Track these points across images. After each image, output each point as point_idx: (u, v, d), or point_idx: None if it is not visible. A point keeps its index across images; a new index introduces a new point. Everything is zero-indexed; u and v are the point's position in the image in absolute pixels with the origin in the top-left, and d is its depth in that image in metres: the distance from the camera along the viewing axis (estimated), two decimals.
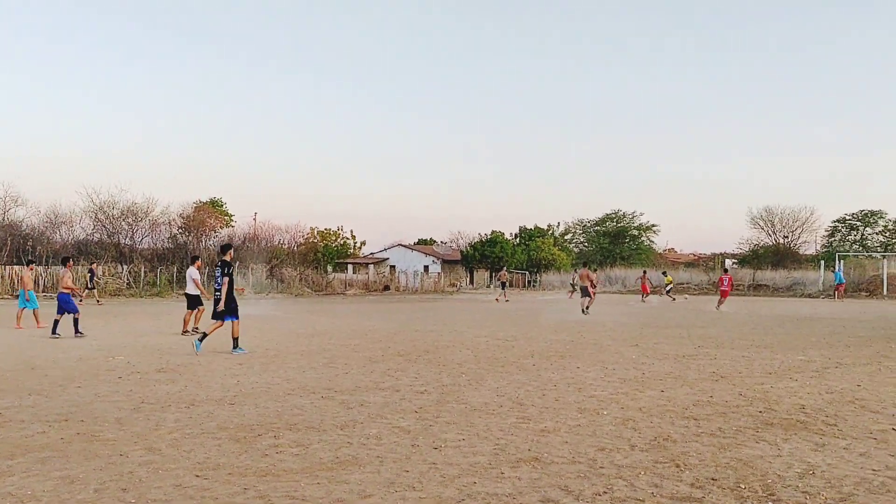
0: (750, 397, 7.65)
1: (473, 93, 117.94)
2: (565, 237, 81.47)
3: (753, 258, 65.74)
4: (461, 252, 70.69)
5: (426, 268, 67.45)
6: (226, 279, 11.74)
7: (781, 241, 70.22)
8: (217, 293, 11.85)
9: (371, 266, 59.84)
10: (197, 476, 4.67)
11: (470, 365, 10.28)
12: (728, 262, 66.34)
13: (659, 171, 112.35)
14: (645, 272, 40.72)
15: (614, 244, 77.53)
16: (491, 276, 64.13)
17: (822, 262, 50.29)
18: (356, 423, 6.29)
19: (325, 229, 62.60)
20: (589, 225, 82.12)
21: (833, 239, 70.61)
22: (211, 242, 44.50)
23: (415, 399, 7.53)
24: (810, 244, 70.47)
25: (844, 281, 41.98)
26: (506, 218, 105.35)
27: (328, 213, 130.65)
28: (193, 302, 15.46)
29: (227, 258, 12.10)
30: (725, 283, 28.90)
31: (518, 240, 73.86)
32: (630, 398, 7.58)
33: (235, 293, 12.09)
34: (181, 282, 40.12)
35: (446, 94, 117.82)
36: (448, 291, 52.67)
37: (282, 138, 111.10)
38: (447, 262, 70.80)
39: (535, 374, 9.38)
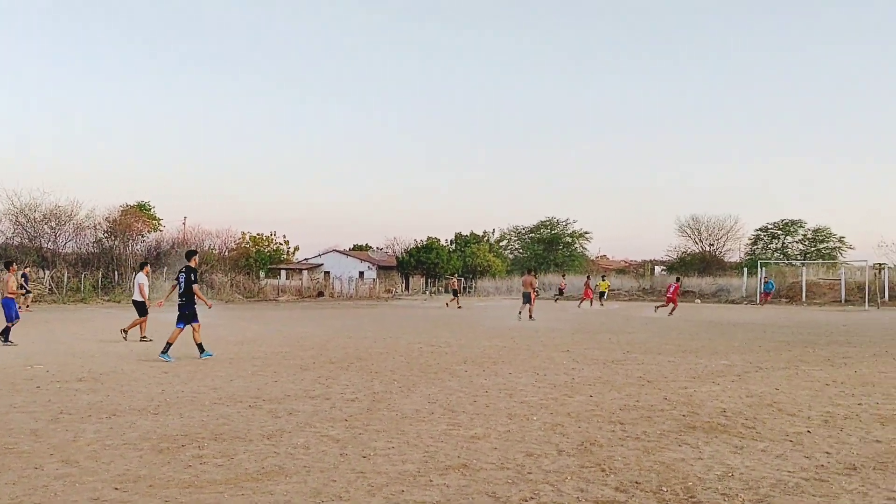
0: (674, 401, 7.85)
1: (410, 98, 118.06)
2: (501, 244, 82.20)
3: (681, 265, 67.51)
4: (397, 258, 70.52)
5: (361, 274, 67.03)
6: (195, 286, 11.89)
7: (707, 248, 72.35)
8: (182, 299, 11.88)
9: (305, 272, 59.11)
10: (116, 489, 4.52)
11: (402, 372, 10.24)
12: (657, 269, 68.04)
13: (591, 180, 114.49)
14: (589, 277, 41.45)
15: (548, 251, 78.60)
16: (426, 283, 64.18)
17: (745, 269, 52.00)
18: (283, 433, 6.20)
19: (258, 234, 61.58)
20: (524, 232, 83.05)
21: (756, 247, 73.13)
22: (138, 247, 43.23)
23: (345, 407, 7.46)
24: (734, 252, 72.90)
25: (773, 290, 43.50)
26: (442, 224, 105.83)
27: (261, 217, 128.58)
28: (141, 309, 15.19)
29: (192, 264, 12.12)
30: (671, 291, 29.58)
31: (454, 246, 74.16)
32: (560, 403, 7.68)
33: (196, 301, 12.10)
34: (106, 288, 38.88)
35: (382, 97, 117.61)
36: (383, 298, 52.46)
37: (212, 141, 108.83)
38: (383, 269, 70.50)
39: (467, 380, 9.41)
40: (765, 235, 74.03)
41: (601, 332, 18.47)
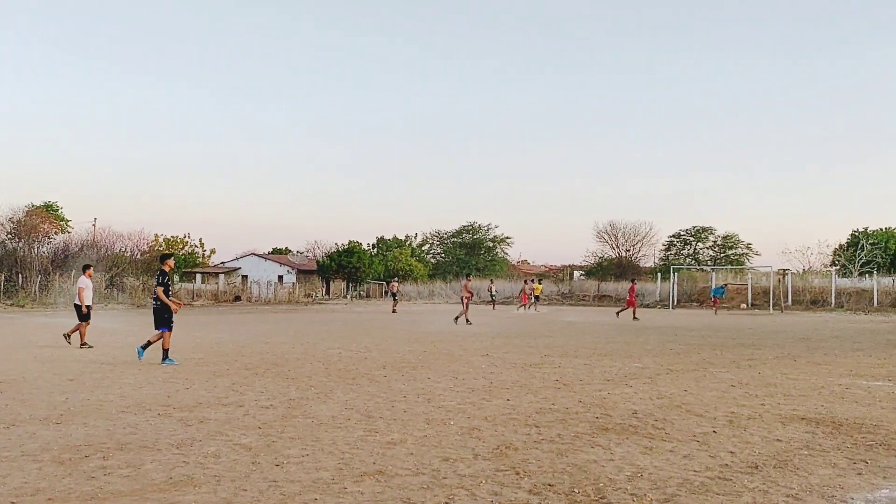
0: (588, 404, 8.00)
1: (331, 102, 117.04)
2: (423, 248, 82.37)
3: (599, 270, 69.14)
4: (317, 262, 69.72)
5: (280, 278, 65.98)
6: (160, 288, 11.92)
7: (624, 254, 74.35)
8: (157, 303, 11.94)
9: (221, 276, 57.72)
10: (13, 503, 4.29)
11: (320, 378, 10.11)
12: (576, 274, 69.51)
13: (513, 186, 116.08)
14: (526, 281, 41.98)
15: (470, 255, 79.19)
16: (348, 287, 63.65)
17: (659, 274, 53.67)
18: (194, 441, 6.01)
19: (172, 237, 59.91)
20: (446, 236, 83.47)
21: (669, 253, 75.61)
22: (44, 249, 41.31)
23: (259, 414, 7.30)
24: (649, 257, 75.18)
25: (722, 294, 42.37)
26: (364, 228, 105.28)
27: (175, 220, 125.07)
28: (80, 313, 14.75)
29: (166, 268, 12.12)
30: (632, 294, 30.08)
31: (376, 250, 73.89)
32: (477, 407, 7.72)
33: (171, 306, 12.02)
34: (9, 292, 37.01)
35: (302, 100, 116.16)
36: (303, 302, 51.75)
37: (124, 142, 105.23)
38: (303, 272, 69.57)
39: (385, 385, 9.36)
40: (678, 242, 76.60)
41: (520, 337, 18.71)
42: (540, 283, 44.00)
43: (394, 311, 35.09)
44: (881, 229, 60.06)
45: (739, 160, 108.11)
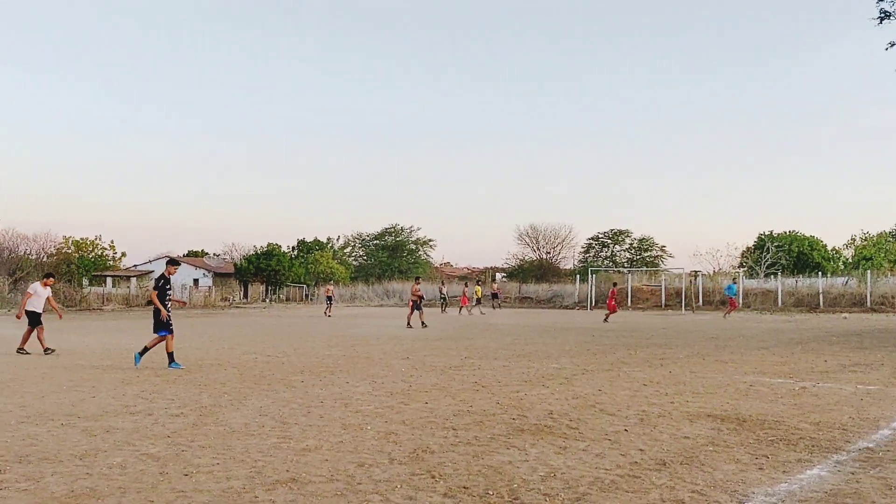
0: (506, 405, 8.08)
1: (248, 102, 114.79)
2: (345, 251, 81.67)
3: (520, 272, 70.08)
4: (235, 265, 68.17)
5: (196, 281, 64.27)
6: (154, 292, 11.98)
7: (544, 256, 75.63)
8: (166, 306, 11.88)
9: (133, 279, 55.66)
10: None
11: (234, 384, 9.86)
12: (498, 276, 70.21)
13: (435, 188, 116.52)
14: (466, 284, 41.93)
15: (392, 258, 79.01)
16: (267, 290, 62.48)
17: (578, 276, 54.77)
18: (99, 452, 5.77)
19: (81, 239, 57.42)
20: (368, 239, 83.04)
21: (588, 255, 77.33)
22: None
23: (169, 423, 7.06)
24: (569, 259, 76.73)
25: (734, 294, 35.77)
26: (284, 230, 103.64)
27: (85, 221, 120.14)
28: (32, 319, 14.40)
29: (167, 273, 12.08)
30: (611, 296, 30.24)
31: (296, 253, 72.78)
32: (395, 411, 7.68)
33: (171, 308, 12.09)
34: None
35: (216, 100, 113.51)
36: (220, 306, 50.52)
37: (31, 141, 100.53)
38: (219, 276, 67.92)
39: (302, 391, 9.21)
40: (596, 244, 78.39)
41: (441, 339, 18.76)
42: (479, 285, 43.99)
43: (328, 316, 34.50)
44: (785, 232, 62.98)
45: (655, 165, 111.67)
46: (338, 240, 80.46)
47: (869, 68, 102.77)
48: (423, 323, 24.13)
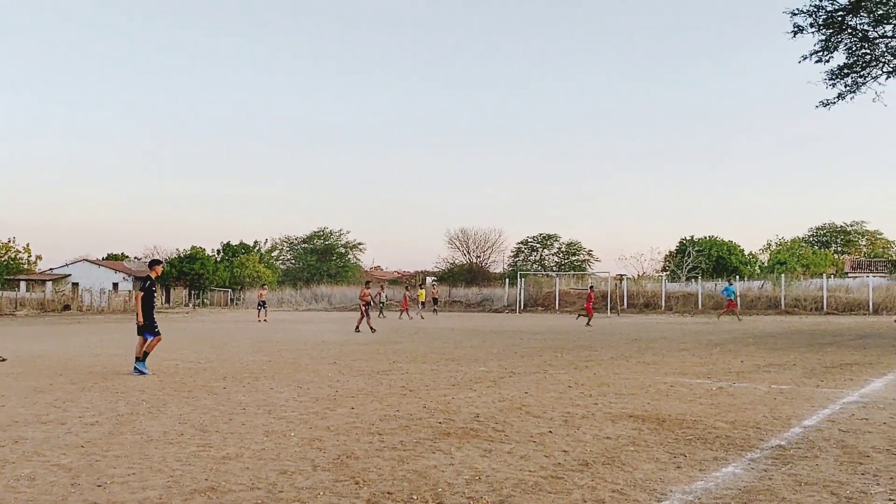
0: (433, 409, 8.06)
1: (169, 101, 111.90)
2: (272, 254, 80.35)
3: (450, 275, 70.35)
4: None
5: (116, 285, 62.14)
6: (140, 294, 11.86)
7: (475, 260, 76.15)
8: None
9: (49, 283, 53.44)
10: None
11: (153, 391, 9.55)
12: (429, 280, 70.26)
13: (365, 192, 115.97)
14: (408, 287, 41.57)
15: (322, 261, 78.19)
16: (190, 295, 60.93)
17: (508, 279, 55.33)
18: (6, 464, 5.48)
19: None
20: (296, 242, 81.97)
21: (517, 259, 78.25)
22: None
23: (83, 432, 6.77)
24: (498, 263, 77.48)
25: (734, 296, 34.25)
26: (208, 233, 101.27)
27: None
28: None
29: (153, 273, 12.08)
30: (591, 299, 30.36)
31: (221, 256, 71.20)
32: (320, 417, 7.57)
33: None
34: None
35: (136, 98, 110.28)
36: None
37: None
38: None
39: (224, 397, 8.98)
40: (525, 248, 79.41)
41: (370, 343, 18.63)
42: (422, 288, 43.57)
43: (263, 321, 33.06)
44: (706, 237, 65.15)
45: (582, 171, 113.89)
46: (265, 243, 79.11)
47: (784, 80, 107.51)
48: (371, 328, 23.65)
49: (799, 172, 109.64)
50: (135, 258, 75.04)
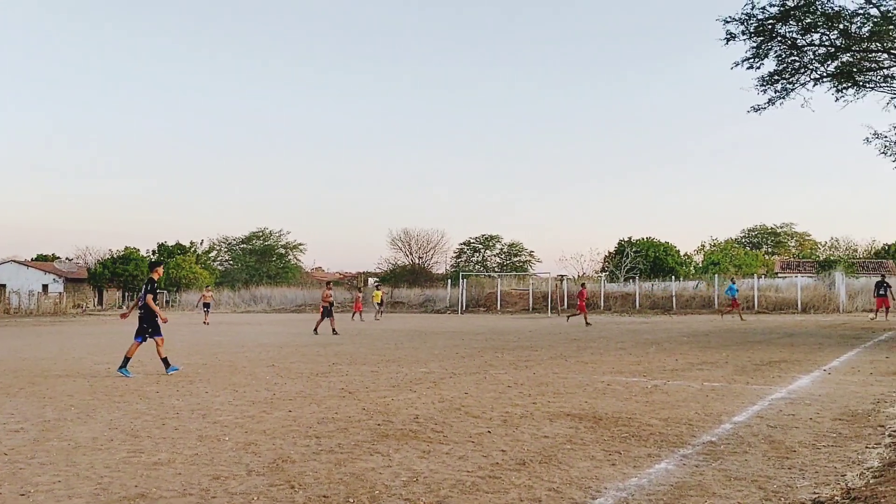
0: (372, 411, 8.01)
1: (105, 98, 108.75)
2: (209, 255, 78.78)
3: (392, 276, 70.14)
4: (89, 270, 64.28)
5: (45, 287, 60.05)
6: (149, 296, 11.74)
7: (417, 261, 76.12)
8: (142, 311, 11.74)
9: None
10: None
11: (83, 396, 9.25)
12: (371, 281, 69.90)
13: (305, 193, 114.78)
14: (360, 289, 41.12)
15: (261, 262, 77.02)
16: (124, 296, 59.30)
17: (450, 280, 55.45)
18: None
19: None
20: (234, 242, 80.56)
21: (460, 260, 78.53)
22: None
23: (7, 440, 6.51)
24: (441, 264, 77.63)
25: (736, 294, 32.73)
26: (142, 233, 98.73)
27: None
28: None
29: (155, 276, 12.02)
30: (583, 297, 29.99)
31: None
32: (256, 421, 7.44)
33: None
34: None
35: (71, 95, 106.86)
36: (72, 313, 47.42)
37: None
38: (72, 281, 63.82)
39: (157, 402, 8.76)
40: (468, 249, 79.77)
41: (309, 345, 18.43)
42: (378, 289, 42.51)
43: (206, 323, 31.86)
44: (643, 238, 66.50)
45: (523, 173, 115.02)
46: (201, 243, 77.49)
47: (716, 87, 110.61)
48: (333, 330, 23.01)
49: (731, 176, 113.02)
50: (66, 259, 72.63)
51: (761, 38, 23.15)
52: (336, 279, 75.96)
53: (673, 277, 50.42)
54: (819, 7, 21.72)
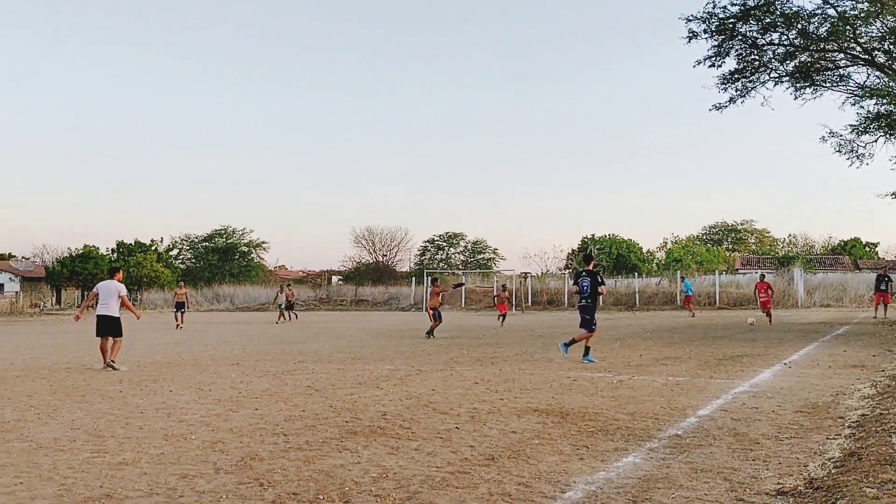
0: (339, 408, 7.98)
1: (61, 91, 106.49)
2: (171, 253, 77.56)
3: (356, 275, 69.84)
4: (46, 268, 62.89)
5: (1, 286, 58.65)
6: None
7: (381, 259, 75.89)
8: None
9: None
10: None
11: (43, 396, 9.06)
12: (335, 279, 69.53)
13: (268, 191, 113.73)
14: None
15: (224, 261, 76.08)
16: (83, 295, 58.12)
17: (414, 278, 55.40)
18: None
19: None
20: (197, 241, 79.45)
21: (424, 257, 78.46)
22: None
23: None
24: (405, 262, 77.50)
25: (692, 293, 34.64)
26: (102, 232, 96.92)
27: None
28: None
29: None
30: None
31: (116, 255, 68.20)
32: (222, 419, 7.36)
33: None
34: None
35: (24, 88, 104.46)
36: (29, 313, 46.38)
37: None
38: (28, 280, 62.46)
39: (120, 401, 8.61)
40: (432, 247, 79.73)
41: (275, 343, 18.28)
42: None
43: (179, 327, 30.30)
44: (606, 235, 67.18)
45: (486, 171, 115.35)
46: (162, 241, 76.24)
47: (676, 85, 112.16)
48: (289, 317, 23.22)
49: (692, 174, 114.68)
50: (22, 258, 71.01)
51: (723, 37, 23.55)
52: (299, 277, 75.36)
53: (636, 274, 51.00)
54: (778, 7, 22.17)
